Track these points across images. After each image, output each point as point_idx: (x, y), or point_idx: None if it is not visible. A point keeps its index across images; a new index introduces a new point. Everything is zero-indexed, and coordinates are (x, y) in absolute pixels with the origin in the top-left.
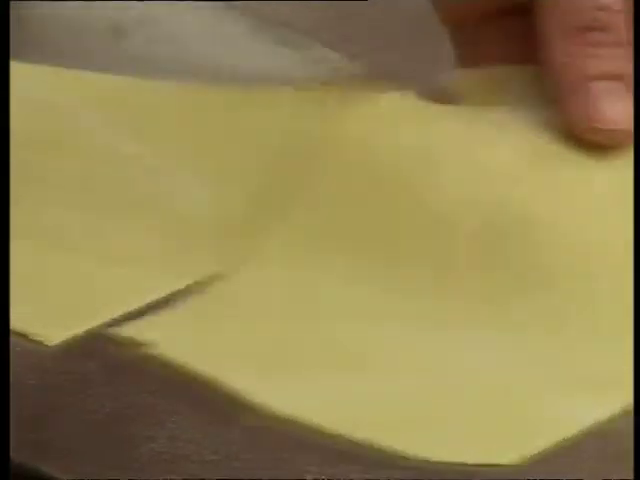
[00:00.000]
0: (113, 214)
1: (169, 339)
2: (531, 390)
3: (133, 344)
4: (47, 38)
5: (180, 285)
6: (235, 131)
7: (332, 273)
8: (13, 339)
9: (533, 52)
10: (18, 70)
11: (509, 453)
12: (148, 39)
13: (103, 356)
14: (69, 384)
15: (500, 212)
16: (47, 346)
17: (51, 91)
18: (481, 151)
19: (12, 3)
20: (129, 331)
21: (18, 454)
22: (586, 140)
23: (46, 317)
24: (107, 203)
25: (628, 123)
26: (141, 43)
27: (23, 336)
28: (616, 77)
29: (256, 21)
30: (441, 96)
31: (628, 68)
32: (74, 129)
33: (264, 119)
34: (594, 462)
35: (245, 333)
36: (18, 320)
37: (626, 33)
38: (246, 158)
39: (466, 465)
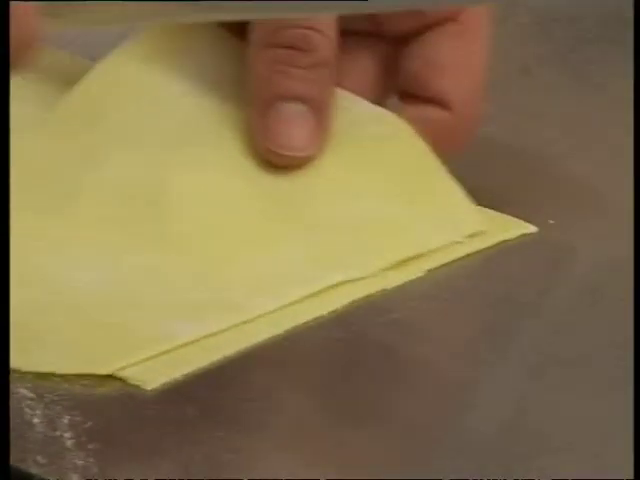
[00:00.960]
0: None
1: None
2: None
3: None
4: None
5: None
6: None
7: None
8: (112, 384)
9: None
10: None
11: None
12: None
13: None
14: (167, 428)
15: None
16: (145, 390)
17: None
18: None
19: None
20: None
21: None
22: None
23: (143, 361)
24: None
25: (308, 149)
26: None
27: (121, 381)
28: (303, 99)
29: None
30: None
31: (323, 94)
32: None
33: None
34: None
35: None
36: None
37: (331, 58)
38: None
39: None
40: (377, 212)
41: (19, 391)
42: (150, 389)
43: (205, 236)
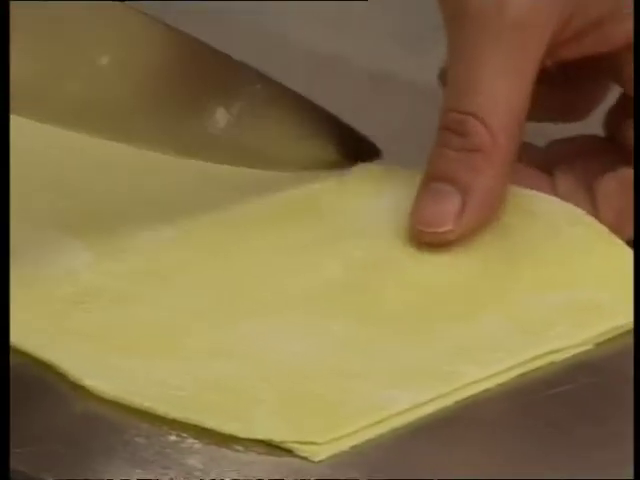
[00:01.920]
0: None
1: None
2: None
3: None
4: None
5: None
6: None
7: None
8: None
9: None
10: None
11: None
12: None
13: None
14: None
15: None
16: (313, 461)
17: None
18: None
19: None
20: None
21: None
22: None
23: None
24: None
25: (447, 226)
26: None
27: (288, 451)
28: (451, 180)
29: None
30: None
31: (473, 178)
32: None
33: None
34: None
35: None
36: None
37: (505, 154)
38: None
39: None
40: (574, 298)
41: (187, 462)
42: (317, 460)
43: (408, 310)
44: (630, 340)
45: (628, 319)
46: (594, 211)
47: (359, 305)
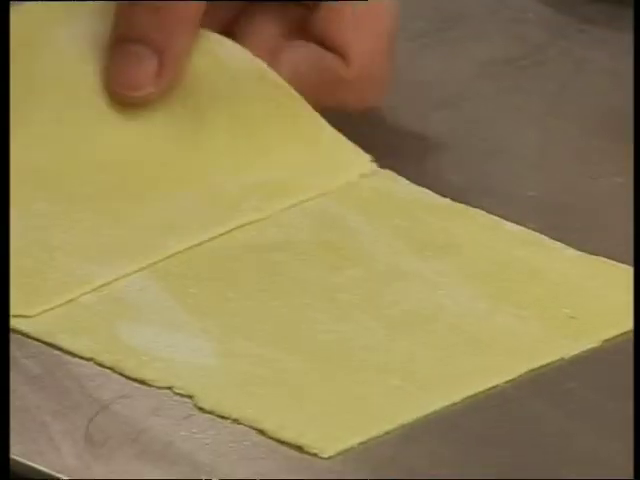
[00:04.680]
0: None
1: None
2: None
3: None
4: None
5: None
6: None
7: None
8: (284, 451)
9: None
10: None
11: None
12: None
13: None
14: None
15: None
16: (322, 458)
17: None
18: None
19: None
20: None
21: None
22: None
23: (319, 428)
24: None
25: (145, 89)
26: None
27: (298, 448)
28: (145, 42)
29: None
30: None
31: (167, 38)
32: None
33: None
34: None
35: None
36: (288, 431)
37: (192, 10)
38: None
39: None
40: (266, 176)
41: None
42: (327, 456)
43: (107, 189)
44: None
45: (316, 191)
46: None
47: (62, 185)
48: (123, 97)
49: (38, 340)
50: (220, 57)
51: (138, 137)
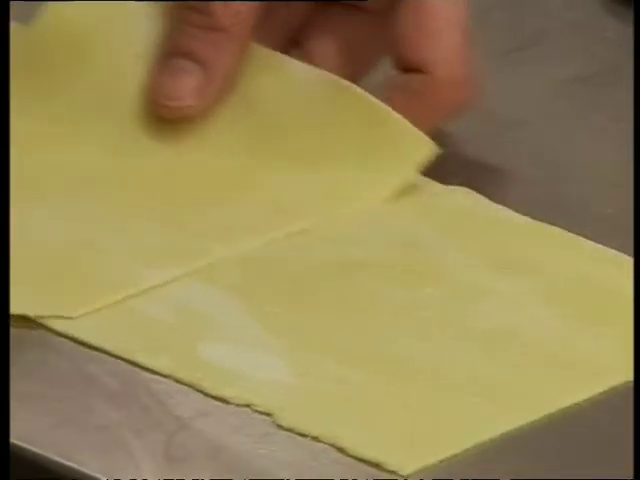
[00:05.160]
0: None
1: None
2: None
3: None
4: None
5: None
6: None
7: None
8: (363, 468)
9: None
10: None
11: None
12: None
13: None
14: None
15: None
16: (401, 476)
17: None
18: None
19: None
20: None
21: None
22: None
23: (398, 446)
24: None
25: (188, 100)
26: None
27: (377, 466)
28: (192, 57)
29: None
30: None
31: (215, 55)
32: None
33: None
34: None
35: None
36: (368, 449)
37: (247, 31)
38: None
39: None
40: (326, 178)
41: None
42: (406, 474)
43: (164, 194)
44: None
45: (379, 189)
46: None
47: (115, 188)
48: (162, 108)
49: (117, 357)
50: (286, 71)
51: (197, 144)
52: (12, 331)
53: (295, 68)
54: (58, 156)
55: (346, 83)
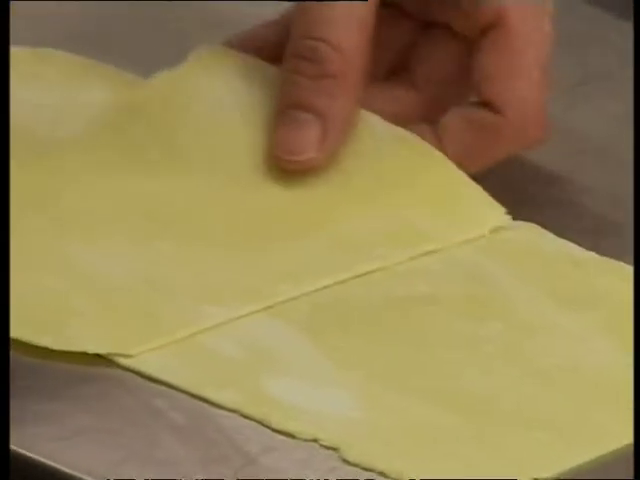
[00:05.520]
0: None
1: None
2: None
3: None
4: None
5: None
6: None
7: None
8: None
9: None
10: None
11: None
12: None
13: None
14: None
15: None
16: None
17: None
18: None
19: None
20: None
21: None
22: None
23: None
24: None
25: (308, 154)
26: None
27: None
28: (307, 108)
29: None
30: None
31: (330, 104)
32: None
33: None
34: None
35: None
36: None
37: (358, 77)
38: None
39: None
40: (397, 223)
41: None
42: None
43: (230, 229)
44: None
45: (449, 240)
46: (437, 143)
47: (186, 226)
48: (285, 162)
49: (183, 392)
50: (367, 127)
51: (268, 182)
52: (76, 366)
53: (376, 124)
54: (124, 190)
55: (423, 143)
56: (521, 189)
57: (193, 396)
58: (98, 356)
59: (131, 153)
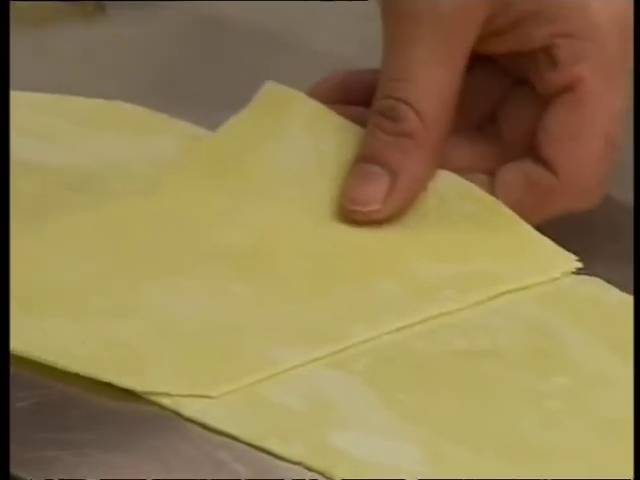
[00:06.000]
0: None
1: None
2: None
3: None
4: None
5: None
6: None
7: None
8: None
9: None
10: None
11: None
12: None
13: None
14: None
15: None
16: None
17: None
18: None
19: None
20: None
21: None
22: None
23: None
24: None
25: (373, 206)
26: None
27: None
28: (380, 162)
29: None
30: None
31: (402, 161)
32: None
33: None
34: None
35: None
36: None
37: (433, 139)
38: None
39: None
40: (467, 268)
41: None
42: None
43: (305, 272)
44: None
45: (516, 284)
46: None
47: (259, 269)
48: (350, 212)
49: (247, 444)
50: (429, 187)
51: (341, 231)
52: (141, 414)
53: (446, 177)
54: (199, 238)
55: (492, 199)
56: (583, 242)
57: (256, 448)
58: (161, 405)
59: (204, 201)
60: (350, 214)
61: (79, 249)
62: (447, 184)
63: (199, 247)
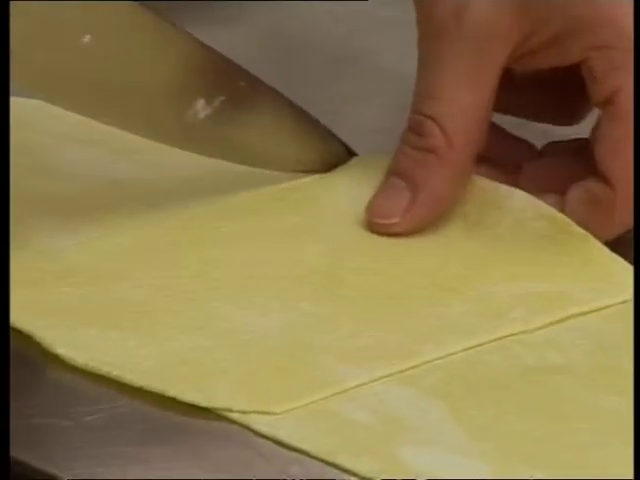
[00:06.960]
0: None
1: None
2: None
3: None
4: None
5: None
6: None
7: None
8: None
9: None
10: None
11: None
12: None
13: None
14: None
15: None
16: None
17: None
18: None
19: None
20: None
21: None
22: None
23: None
24: None
25: (392, 219)
26: None
27: None
28: (404, 176)
29: None
30: None
31: (424, 176)
32: None
33: None
34: None
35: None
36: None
37: (459, 157)
38: None
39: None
40: (539, 288)
41: None
42: None
43: (377, 292)
44: None
45: (587, 306)
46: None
47: (329, 287)
48: (371, 223)
49: (317, 459)
50: (501, 207)
51: (417, 251)
52: (209, 429)
53: (518, 198)
54: (274, 252)
55: (565, 219)
56: None
57: (328, 463)
58: (224, 419)
59: (276, 221)
60: (371, 226)
61: (147, 263)
62: (522, 204)
63: (269, 265)
